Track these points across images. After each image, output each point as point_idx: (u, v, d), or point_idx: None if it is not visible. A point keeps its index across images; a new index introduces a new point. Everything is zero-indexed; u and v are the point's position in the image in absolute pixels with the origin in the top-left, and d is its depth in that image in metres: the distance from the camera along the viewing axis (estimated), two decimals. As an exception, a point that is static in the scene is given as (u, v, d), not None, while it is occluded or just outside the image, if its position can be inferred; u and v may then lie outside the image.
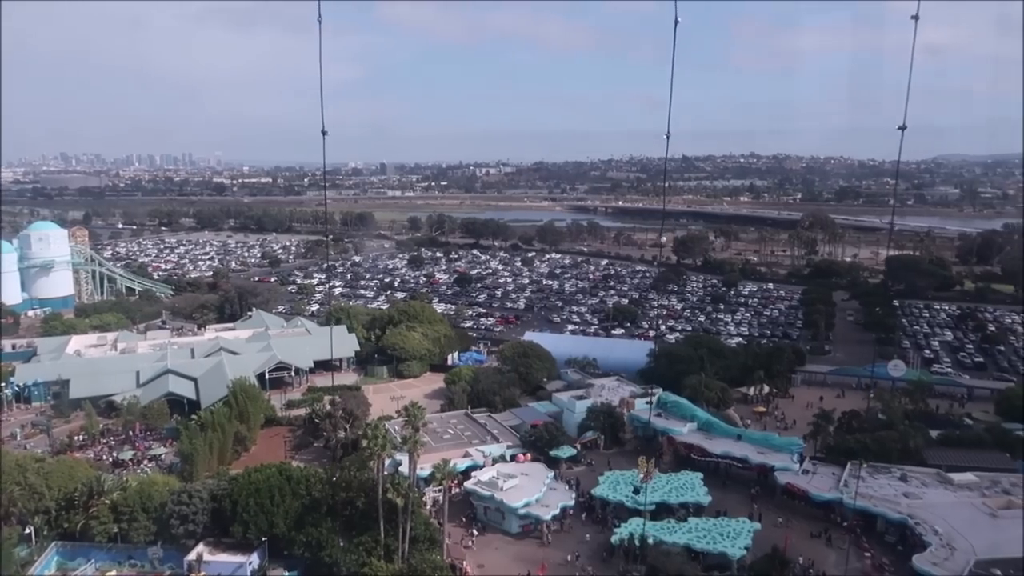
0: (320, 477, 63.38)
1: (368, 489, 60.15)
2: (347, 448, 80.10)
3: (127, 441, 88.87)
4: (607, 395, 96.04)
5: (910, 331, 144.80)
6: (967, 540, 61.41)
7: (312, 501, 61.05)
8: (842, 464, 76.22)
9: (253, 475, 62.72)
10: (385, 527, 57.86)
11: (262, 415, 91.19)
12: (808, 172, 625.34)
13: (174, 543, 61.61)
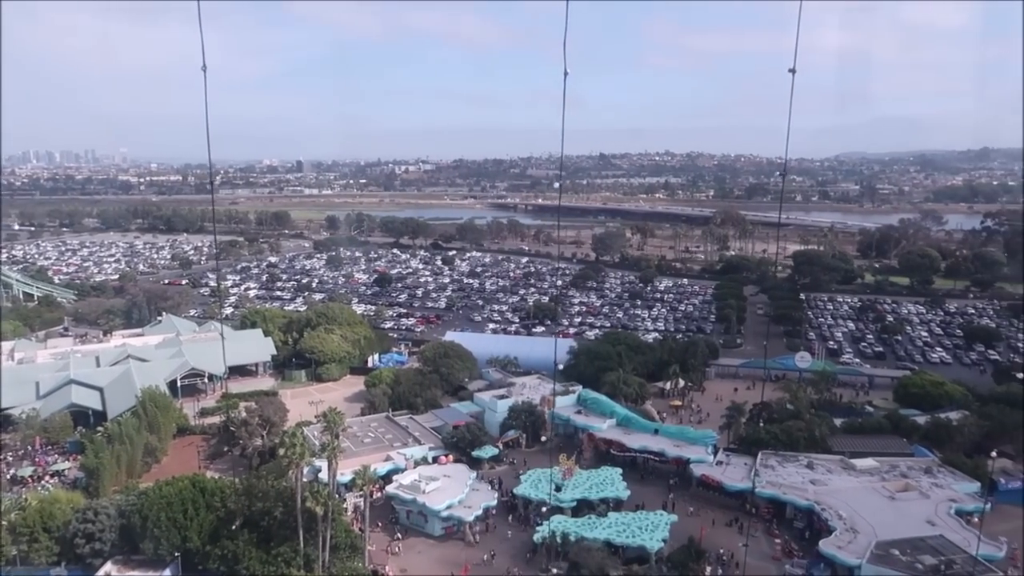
0: (236, 488, 61.66)
1: (286, 498, 58.94)
2: (264, 456, 78.25)
3: (26, 457, 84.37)
4: (528, 393, 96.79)
5: (815, 323, 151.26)
6: (869, 523, 64.71)
7: (227, 513, 59.40)
8: (754, 454, 79.19)
9: (164, 488, 60.54)
10: (305, 536, 56.86)
11: (174, 425, 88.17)
12: (720, 170, 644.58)
13: (80, 563, 58.93)
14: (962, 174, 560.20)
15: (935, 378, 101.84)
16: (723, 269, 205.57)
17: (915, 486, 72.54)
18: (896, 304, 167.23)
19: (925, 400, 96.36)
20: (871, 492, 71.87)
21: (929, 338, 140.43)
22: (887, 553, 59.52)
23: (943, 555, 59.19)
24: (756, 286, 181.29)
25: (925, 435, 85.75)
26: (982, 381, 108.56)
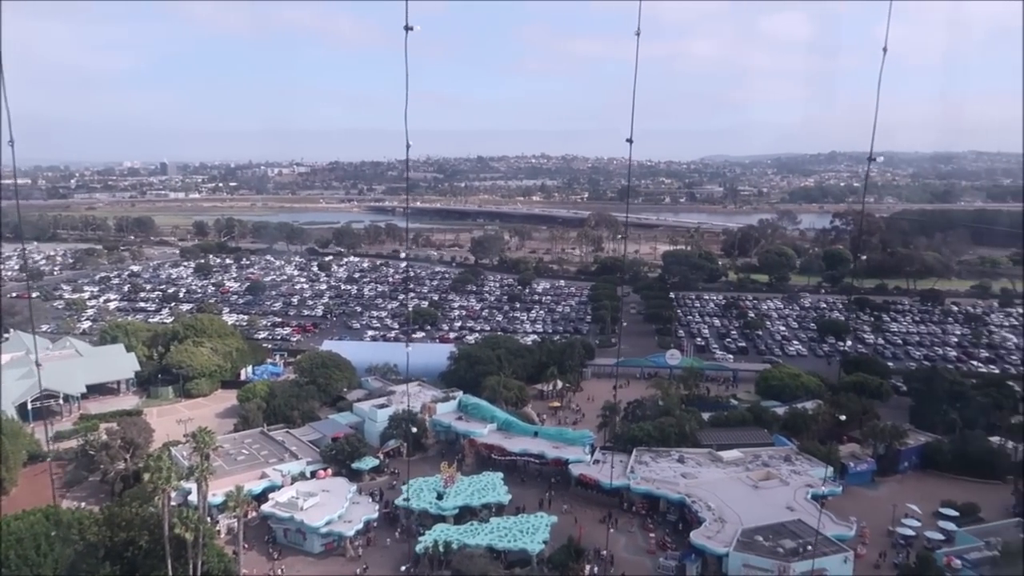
0: (96, 518, 57.80)
1: (153, 526, 55.86)
2: (128, 481, 73.89)
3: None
4: (409, 401, 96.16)
5: (684, 321, 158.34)
6: (735, 512, 68.42)
7: (87, 546, 55.58)
8: (629, 451, 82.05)
9: (13, 524, 55.96)
10: (173, 565, 54.10)
11: (24, 452, 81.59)
12: (594, 172, 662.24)
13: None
14: (814, 176, 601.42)
15: (792, 370, 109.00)
16: (598, 270, 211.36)
17: (776, 474, 77.33)
18: (757, 300, 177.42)
19: (784, 392, 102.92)
20: (737, 482, 76.06)
21: (787, 332, 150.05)
22: (752, 540, 63.17)
23: (801, 538, 63.48)
24: (629, 286, 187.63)
25: (784, 425, 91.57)
26: (833, 371, 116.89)
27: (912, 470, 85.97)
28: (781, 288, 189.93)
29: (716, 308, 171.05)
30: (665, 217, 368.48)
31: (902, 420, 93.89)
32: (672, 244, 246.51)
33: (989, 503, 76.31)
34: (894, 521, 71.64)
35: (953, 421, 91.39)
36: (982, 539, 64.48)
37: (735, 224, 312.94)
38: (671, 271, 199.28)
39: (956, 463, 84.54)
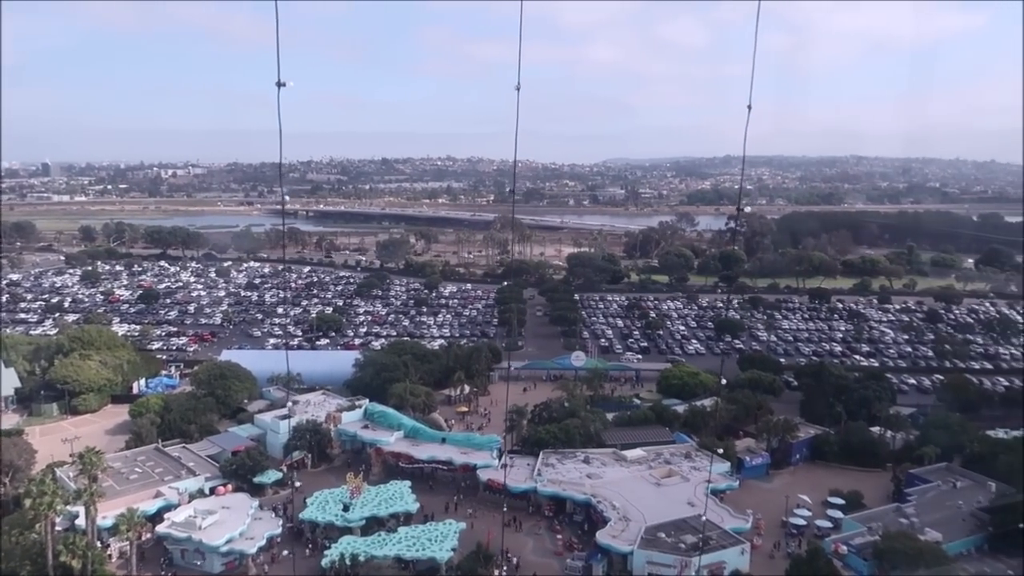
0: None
1: (36, 554, 52.76)
2: (7, 507, 69.17)
3: None
4: (313, 411, 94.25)
5: (589, 322, 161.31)
6: (639, 510, 70.26)
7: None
8: (536, 454, 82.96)
9: None
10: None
11: None
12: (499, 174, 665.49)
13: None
14: (710, 179, 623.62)
15: (691, 369, 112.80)
16: (504, 273, 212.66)
17: (677, 471, 79.85)
18: (658, 301, 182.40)
19: (684, 390, 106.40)
20: (640, 480, 78.09)
21: (686, 331, 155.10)
22: (655, 537, 65.05)
23: (702, 532, 65.71)
24: (535, 288, 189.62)
25: (685, 422, 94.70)
26: (730, 368, 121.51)
27: (803, 462, 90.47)
28: (681, 288, 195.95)
29: (619, 309, 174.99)
30: (569, 219, 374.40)
31: (793, 414, 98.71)
32: (576, 246, 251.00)
33: (871, 490, 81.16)
34: (787, 512, 75.19)
35: (839, 414, 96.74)
36: (865, 525, 68.53)
37: (637, 226, 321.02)
38: (575, 273, 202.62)
39: (842, 453, 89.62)
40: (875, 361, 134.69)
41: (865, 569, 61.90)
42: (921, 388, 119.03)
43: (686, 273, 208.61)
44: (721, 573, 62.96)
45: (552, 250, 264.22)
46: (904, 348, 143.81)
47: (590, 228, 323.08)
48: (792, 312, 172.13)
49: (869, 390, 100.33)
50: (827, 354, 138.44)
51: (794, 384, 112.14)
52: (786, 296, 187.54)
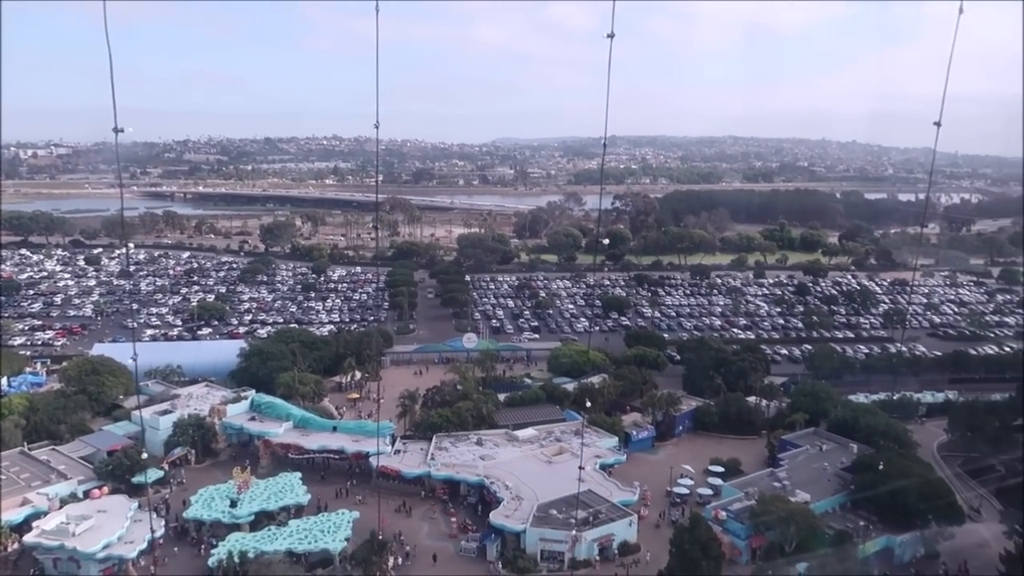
0: None
1: None
2: None
3: None
4: (196, 404, 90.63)
5: (480, 303, 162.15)
6: (531, 489, 71.66)
7: None
8: (429, 438, 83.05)
9: None
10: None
11: None
12: (388, 154, 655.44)
13: None
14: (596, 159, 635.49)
15: (580, 347, 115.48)
16: (395, 255, 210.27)
17: (567, 448, 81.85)
18: (547, 280, 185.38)
19: (573, 368, 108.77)
20: (532, 459, 79.63)
21: (575, 310, 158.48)
22: (547, 514, 66.59)
23: (591, 507, 67.89)
24: (426, 270, 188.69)
25: (574, 400, 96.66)
26: (616, 345, 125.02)
27: (686, 433, 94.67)
28: (569, 267, 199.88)
29: (510, 289, 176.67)
30: (459, 200, 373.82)
31: (677, 387, 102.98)
32: (467, 227, 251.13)
33: (749, 456, 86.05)
34: (671, 482, 78.59)
35: (719, 386, 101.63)
36: (743, 490, 72.47)
37: (526, 206, 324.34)
38: (466, 254, 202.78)
39: (722, 423, 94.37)
40: (751, 333, 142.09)
41: (742, 532, 65.60)
42: (792, 358, 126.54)
43: (574, 252, 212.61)
44: (610, 544, 65.29)
45: (443, 231, 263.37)
46: (777, 320, 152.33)
47: (480, 208, 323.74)
48: (675, 288, 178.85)
49: (746, 362, 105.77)
50: (707, 328, 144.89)
51: (677, 358, 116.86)
52: (669, 273, 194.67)
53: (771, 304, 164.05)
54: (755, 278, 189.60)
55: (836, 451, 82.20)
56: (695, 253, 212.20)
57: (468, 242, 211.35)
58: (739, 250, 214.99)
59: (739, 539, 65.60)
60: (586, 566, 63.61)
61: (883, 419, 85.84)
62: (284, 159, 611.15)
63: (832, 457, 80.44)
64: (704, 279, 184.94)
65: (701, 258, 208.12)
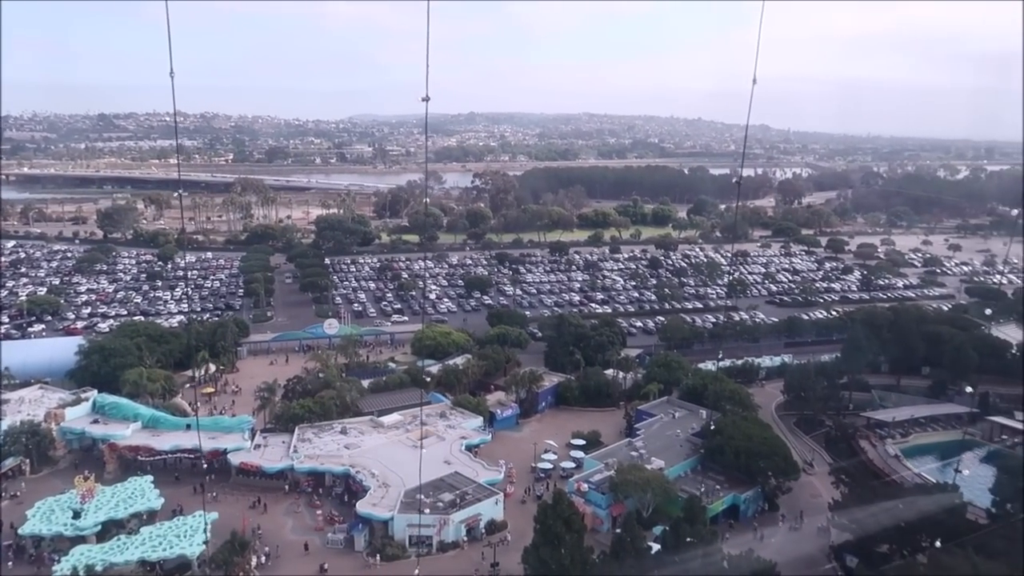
0: None
1: None
2: None
3: None
4: (29, 409, 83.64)
5: (341, 287, 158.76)
6: (398, 475, 71.58)
7: None
8: (291, 431, 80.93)
9: None
10: None
11: None
12: (238, 131, 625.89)
13: None
14: (456, 136, 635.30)
15: (443, 329, 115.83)
16: (249, 239, 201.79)
17: (433, 431, 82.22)
18: (409, 261, 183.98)
19: (437, 350, 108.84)
20: (399, 445, 79.47)
21: (438, 290, 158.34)
22: (414, 499, 66.70)
23: (458, 488, 68.81)
24: (283, 254, 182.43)
25: (439, 382, 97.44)
26: (480, 325, 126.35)
27: (549, 408, 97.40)
28: (431, 247, 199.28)
29: (371, 272, 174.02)
30: (317, 179, 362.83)
31: (539, 364, 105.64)
32: (325, 208, 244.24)
33: (608, 428, 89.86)
34: (536, 458, 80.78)
35: (578, 361, 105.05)
36: (603, 461, 75.61)
37: (386, 185, 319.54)
38: (325, 236, 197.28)
39: (582, 397, 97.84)
40: (608, 308, 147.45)
41: (603, 502, 68.56)
42: (647, 329, 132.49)
43: (436, 232, 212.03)
44: (477, 524, 66.48)
45: (300, 212, 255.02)
46: (632, 294, 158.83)
47: (338, 188, 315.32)
48: (535, 266, 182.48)
49: (603, 336, 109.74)
50: (567, 304, 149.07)
51: (539, 335, 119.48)
52: (529, 251, 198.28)
53: (626, 278, 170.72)
54: (611, 253, 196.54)
55: (687, 417, 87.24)
56: (554, 230, 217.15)
57: (327, 224, 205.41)
58: (595, 226, 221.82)
59: (600, 509, 68.54)
60: (454, 547, 64.58)
61: (728, 384, 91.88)
62: (122, 136, 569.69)
63: (684, 423, 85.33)
64: (563, 256, 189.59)
65: (560, 235, 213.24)
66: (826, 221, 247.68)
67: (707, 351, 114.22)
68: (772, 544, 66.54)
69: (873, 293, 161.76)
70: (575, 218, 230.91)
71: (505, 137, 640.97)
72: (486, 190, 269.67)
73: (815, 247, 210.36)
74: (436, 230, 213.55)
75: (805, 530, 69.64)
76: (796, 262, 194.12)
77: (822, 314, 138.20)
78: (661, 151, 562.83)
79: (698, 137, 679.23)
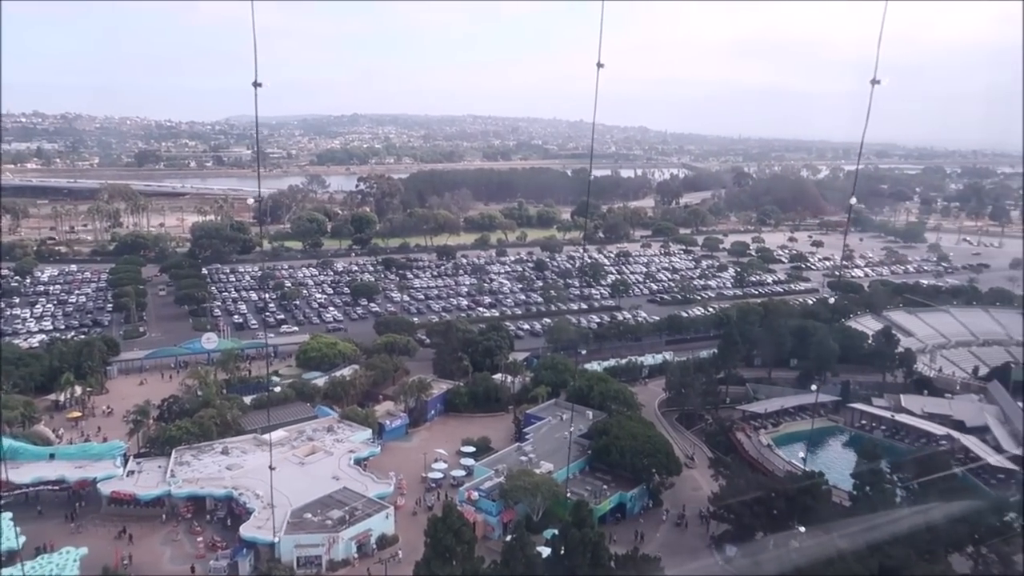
0: None
1: None
2: None
3: None
4: None
5: (220, 299, 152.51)
6: (284, 495, 69.26)
7: None
8: (168, 454, 77.14)
9: None
10: None
11: None
12: (104, 134, 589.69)
13: None
14: (339, 137, 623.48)
15: (329, 339, 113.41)
16: (118, 249, 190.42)
17: (321, 447, 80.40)
18: (293, 269, 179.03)
19: (323, 361, 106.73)
20: (284, 463, 76.87)
21: (323, 299, 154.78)
22: (301, 519, 65.16)
23: (347, 504, 67.59)
24: (156, 265, 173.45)
25: (326, 395, 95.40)
26: (367, 333, 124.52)
27: (439, 416, 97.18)
28: (315, 254, 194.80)
29: (252, 281, 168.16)
30: (192, 184, 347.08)
31: (428, 372, 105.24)
32: (201, 214, 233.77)
33: (498, 433, 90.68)
34: (426, 468, 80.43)
35: (467, 367, 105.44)
36: (493, 468, 76.20)
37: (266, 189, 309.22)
38: (202, 245, 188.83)
39: (472, 403, 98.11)
40: (496, 311, 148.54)
41: (494, 509, 69.08)
42: (534, 332, 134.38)
43: (320, 238, 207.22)
44: (368, 540, 65.53)
45: (174, 220, 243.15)
46: (519, 296, 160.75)
47: (216, 193, 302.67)
48: (422, 271, 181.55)
49: (491, 340, 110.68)
50: (455, 309, 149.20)
51: (427, 342, 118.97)
52: (416, 255, 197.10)
53: (513, 281, 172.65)
54: (498, 256, 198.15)
55: (575, 419, 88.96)
56: (440, 234, 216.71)
57: (203, 231, 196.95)
58: (482, 229, 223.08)
59: (491, 516, 69.03)
60: (345, 565, 63.38)
61: (613, 384, 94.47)
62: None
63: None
64: (450, 260, 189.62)
65: (447, 238, 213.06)
66: (702, 220, 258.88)
67: (593, 352, 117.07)
68: (657, 539, 69.23)
69: (746, 289, 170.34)
70: (462, 221, 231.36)
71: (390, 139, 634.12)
72: (371, 194, 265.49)
73: (692, 246, 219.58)
74: (320, 236, 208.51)
75: (688, 523, 72.64)
76: (675, 261, 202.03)
77: (700, 311, 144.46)
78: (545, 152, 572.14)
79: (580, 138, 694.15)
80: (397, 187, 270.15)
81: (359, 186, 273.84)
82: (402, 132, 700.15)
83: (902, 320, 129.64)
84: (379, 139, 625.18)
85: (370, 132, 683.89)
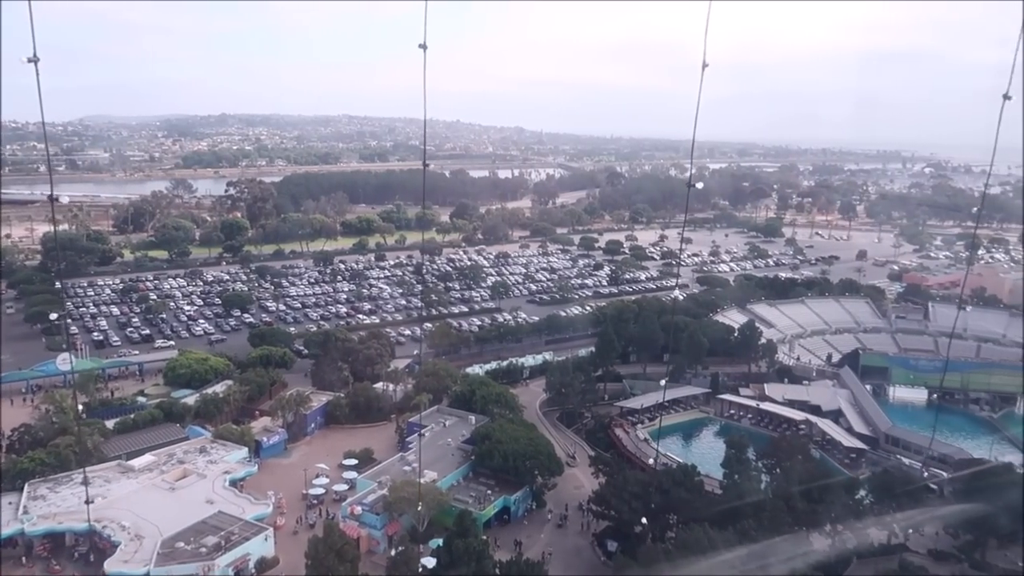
0: None
1: None
2: None
3: None
4: None
5: (77, 315, 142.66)
6: (153, 523, 65.82)
7: None
8: (20, 488, 71.48)
9: None
10: None
11: None
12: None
13: None
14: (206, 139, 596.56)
15: (199, 354, 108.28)
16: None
17: (192, 469, 76.69)
18: (158, 280, 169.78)
19: (194, 378, 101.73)
20: (152, 489, 73.13)
21: (193, 311, 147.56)
22: (173, 549, 61.92)
23: (223, 530, 64.86)
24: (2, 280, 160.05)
25: (197, 413, 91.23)
26: (241, 346, 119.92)
27: (319, 429, 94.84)
28: (182, 264, 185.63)
29: (113, 294, 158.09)
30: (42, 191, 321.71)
31: (306, 384, 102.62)
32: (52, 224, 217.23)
33: (381, 443, 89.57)
34: (307, 484, 78.37)
35: (347, 377, 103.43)
36: (376, 480, 75.20)
37: (127, 195, 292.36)
38: (54, 257, 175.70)
39: (353, 414, 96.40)
40: (376, 317, 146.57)
41: (378, 523, 68.17)
42: (415, 337, 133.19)
43: (187, 246, 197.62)
44: (246, 565, 63.17)
45: (22, 230, 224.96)
46: (399, 301, 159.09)
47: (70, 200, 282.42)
48: (299, 278, 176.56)
49: (371, 349, 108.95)
50: (334, 316, 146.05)
51: (305, 353, 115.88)
52: (292, 262, 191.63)
53: (393, 286, 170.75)
54: (376, 261, 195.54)
55: (458, 425, 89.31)
56: (317, 239, 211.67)
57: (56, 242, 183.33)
58: (360, 233, 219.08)
59: (376, 530, 68.14)
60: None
61: (495, 388, 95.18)
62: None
63: (455, 431, 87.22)
64: (327, 266, 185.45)
65: (323, 244, 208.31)
66: (578, 220, 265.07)
67: (474, 355, 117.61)
68: (541, 540, 70.42)
69: (621, 287, 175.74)
70: (338, 225, 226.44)
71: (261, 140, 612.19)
72: (242, 198, 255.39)
73: (569, 246, 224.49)
74: (188, 244, 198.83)
75: (570, 523, 74.31)
76: (553, 261, 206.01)
77: (578, 310, 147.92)
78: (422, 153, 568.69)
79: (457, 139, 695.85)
80: (270, 191, 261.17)
81: (229, 190, 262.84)
82: (274, 133, 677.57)
83: (764, 312, 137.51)
84: (250, 140, 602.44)
85: (240, 133, 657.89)
